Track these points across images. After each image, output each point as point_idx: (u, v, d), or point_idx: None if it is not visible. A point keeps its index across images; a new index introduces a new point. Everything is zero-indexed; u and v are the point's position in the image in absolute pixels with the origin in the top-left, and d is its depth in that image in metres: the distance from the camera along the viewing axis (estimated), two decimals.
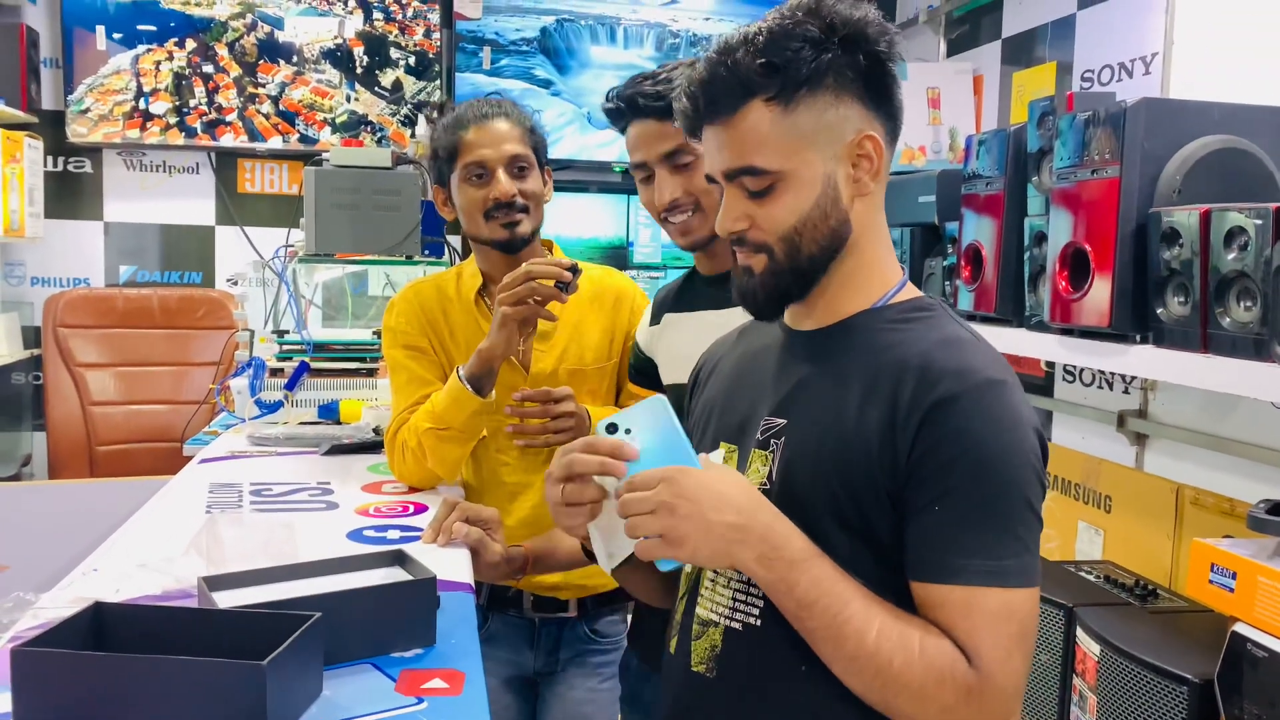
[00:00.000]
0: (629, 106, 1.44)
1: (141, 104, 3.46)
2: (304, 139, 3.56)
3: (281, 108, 3.56)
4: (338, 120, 3.59)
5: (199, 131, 3.50)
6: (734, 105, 0.99)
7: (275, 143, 3.55)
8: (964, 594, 0.92)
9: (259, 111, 3.54)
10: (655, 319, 1.62)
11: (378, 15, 3.58)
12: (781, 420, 1.04)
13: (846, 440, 0.98)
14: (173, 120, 3.48)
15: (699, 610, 1.07)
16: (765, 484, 1.03)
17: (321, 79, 3.58)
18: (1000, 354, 1.02)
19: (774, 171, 0.99)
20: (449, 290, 1.80)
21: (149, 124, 3.47)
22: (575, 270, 1.56)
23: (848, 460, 0.97)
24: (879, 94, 1.02)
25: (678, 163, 1.43)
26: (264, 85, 3.54)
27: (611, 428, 0.98)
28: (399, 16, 3.59)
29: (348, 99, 3.60)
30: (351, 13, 3.56)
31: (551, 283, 1.54)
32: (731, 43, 1.00)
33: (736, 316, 1.28)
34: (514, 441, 1.68)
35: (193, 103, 3.49)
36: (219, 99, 3.51)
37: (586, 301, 1.77)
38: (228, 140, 3.52)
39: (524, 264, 1.56)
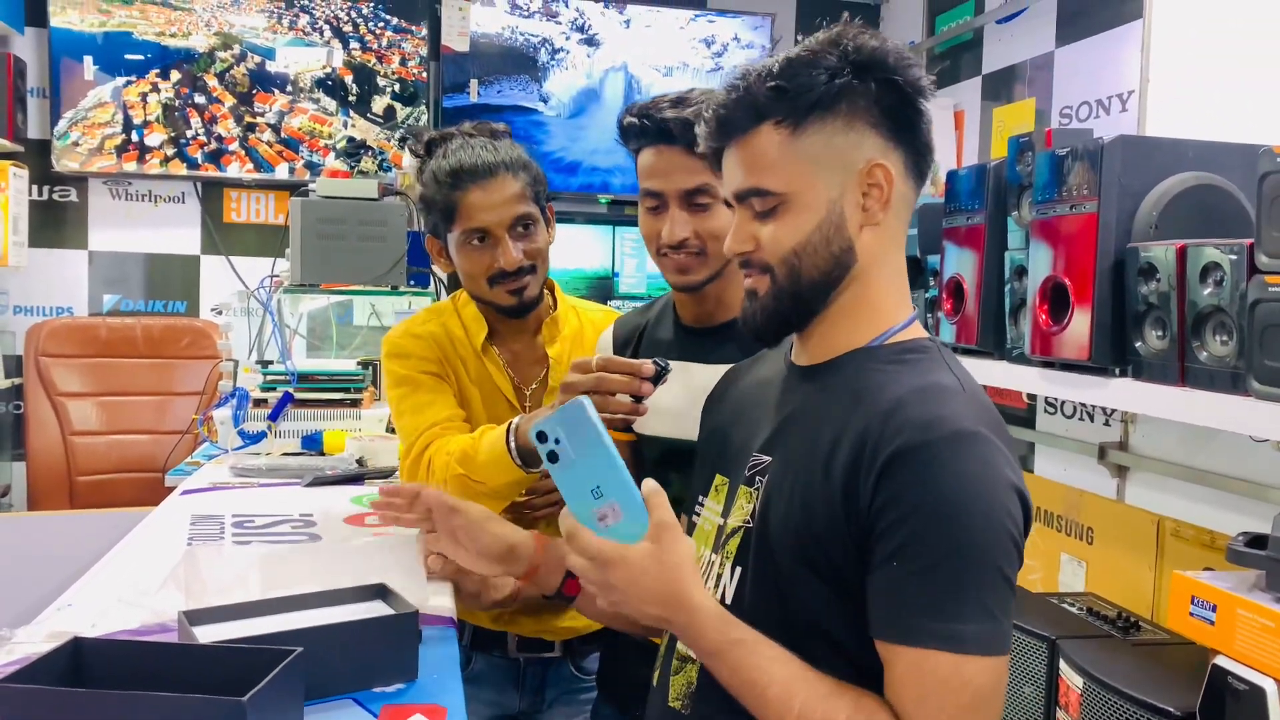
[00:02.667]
0: (657, 130, 1.36)
1: (134, 136, 3.46)
2: (309, 165, 3.58)
3: (283, 135, 3.58)
4: (338, 146, 3.62)
5: (201, 162, 3.51)
6: (746, 127, 1.00)
7: (282, 170, 3.56)
8: (914, 656, 0.88)
9: (261, 140, 3.55)
10: (626, 352, 1.53)
11: (355, 45, 3.61)
12: (767, 458, 1.03)
13: (815, 484, 0.96)
14: (170, 152, 3.49)
15: (679, 646, 1.07)
16: (749, 521, 1.02)
17: (318, 107, 3.61)
18: (988, 406, 0.97)
19: (779, 193, 0.99)
20: (456, 332, 1.69)
21: (147, 156, 3.48)
22: (660, 376, 1.27)
23: (815, 505, 0.95)
24: (900, 126, 1.00)
25: (696, 201, 1.36)
26: (262, 114, 3.56)
27: (541, 436, 0.93)
28: (374, 46, 3.63)
29: (344, 125, 3.63)
30: (329, 43, 3.59)
31: (626, 395, 1.28)
32: (749, 68, 1.01)
33: (719, 374, 1.26)
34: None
35: (189, 133, 3.50)
36: (218, 129, 3.52)
37: (588, 348, 1.68)
38: (234, 169, 3.54)
39: (597, 359, 1.31)
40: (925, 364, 1.00)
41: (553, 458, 0.93)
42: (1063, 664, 1.76)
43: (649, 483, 0.95)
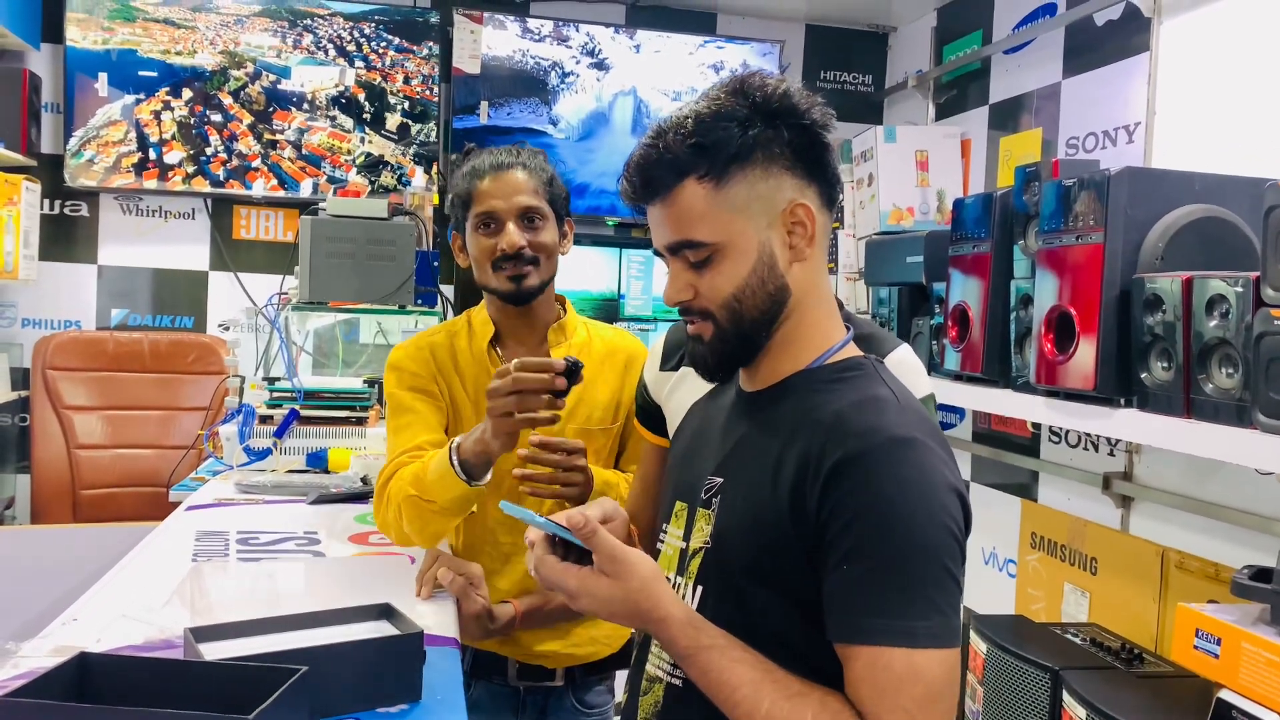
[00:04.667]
0: None
1: (152, 154, 3.48)
2: (332, 180, 3.61)
3: (305, 151, 3.61)
4: (358, 161, 3.64)
5: (224, 179, 3.53)
6: (670, 185, 1.03)
7: (307, 185, 3.59)
8: (869, 655, 0.92)
9: (283, 157, 3.58)
10: (669, 364, 1.57)
11: (360, 64, 3.64)
12: (719, 479, 1.08)
13: (764, 500, 1.00)
14: (192, 169, 3.51)
15: (647, 666, 1.10)
16: (707, 543, 1.06)
17: (335, 124, 3.64)
18: (924, 414, 1.02)
19: (712, 243, 1.03)
20: (461, 340, 1.75)
21: (169, 174, 3.50)
22: (573, 371, 1.39)
23: (765, 520, 1.00)
24: (810, 163, 1.05)
25: None
26: (281, 131, 3.58)
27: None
28: (379, 65, 3.65)
29: (362, 141, 3.66)
30: (336, 61, 3.62)
31: (544, 391, 1.39)
32: (664, 127, 1.04)
33: None
34: (520, 487, 1.56)
35: (209, 150, 3.52)
36: (239, 146, 3.55)
37: (598, 362, 1.73)
38: (259, 186, 3.56)
39: (513, 363, 1.41)
40: (862, 380, 1.05)
41: None
42: (1066, 695, 1.75)
43: (582, 529, 0.98)
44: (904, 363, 1.25)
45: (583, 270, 3.75)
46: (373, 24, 3.64)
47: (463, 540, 1.75)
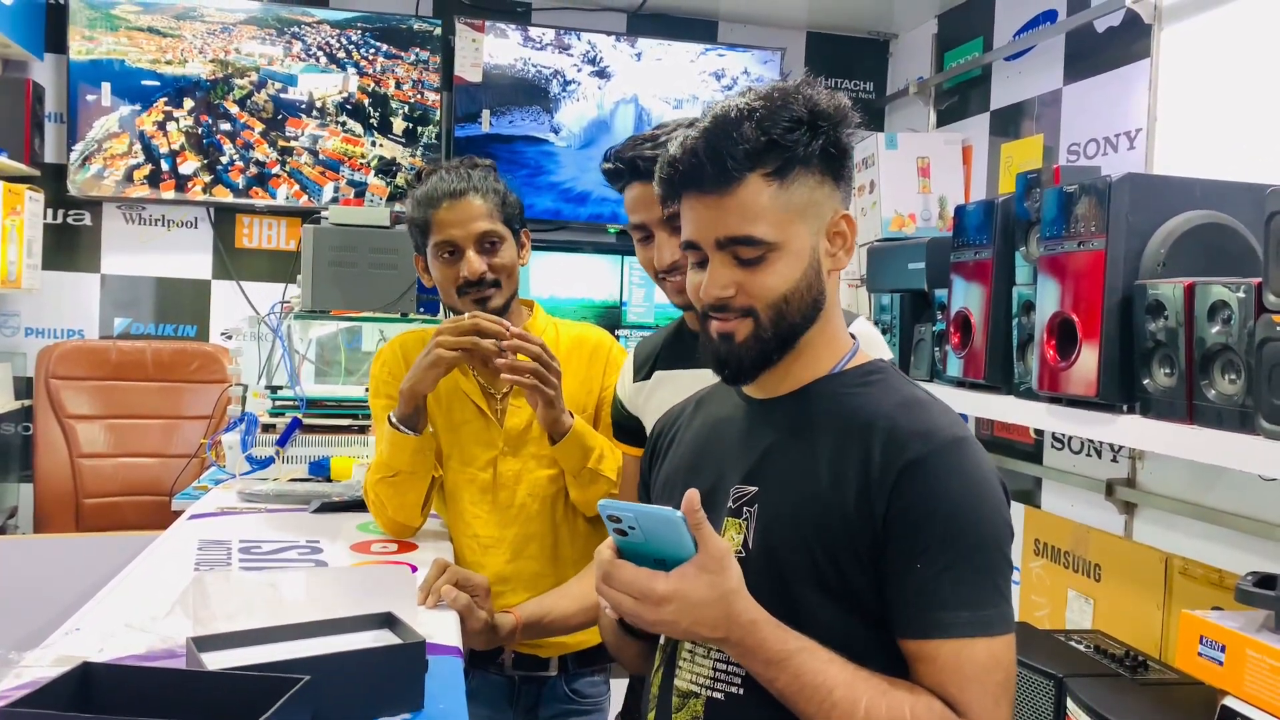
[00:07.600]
0: (629, 168, 1.45)
1: (164, 165, 3.49)
2: (352, 184, 3.62)
3: (322, 157, 3.61)
4: (372, 165, 3.65)
5: (244, 187, 3.54)
6: (734, 176, 1.02)
7: (329, 190, 3.60)
8: (953, 648, 0.95)
9: (302, 163, 3.59)
10: (641, 373, 1.61)
11: (351, 70, 3.65)
12: (753, 488, 1.07)
13: (822, 504, 1.01)
14: (209, 179, 3.52)
15: (678, 682, 1.08)
16: (741, 551, 1.05)
17: (346, 129, 3.65)
18: (954, 410, 1.07)
19: (770, 242, 1.03)
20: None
21: (188, 184, 3.50)
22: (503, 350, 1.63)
23: (825, 523, 1.00)
24: (845, 178, 1.08)
25: (678, 225, 1.44)
26: (296, 138, 3.59)
27: (614, 518, 0.95)
28: (370, 71, 3.66)
29: (373, 145, 3.67)
30: (328, 69, 3.63)
31: (493, 344, 1.60)
32: (731, 116, 1.02)
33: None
34: (504, 375, 1.64)
35: (224, 160, 3.53)
36: (255, 154, 3.55)
37: (563, 355, 1.79)
38: (283, 193, 3.56)
39: (469, 315, 1.64)
40: (889, 382, 1.09)
41: (620, 533, 0.96)
42: (1070, 703, 1.75)
43: (696, 513, 0.94)
44: (862, 334, 1.26)
45: (584, 279, 3.75)
46: (358, 30, 3.64)
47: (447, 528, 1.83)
